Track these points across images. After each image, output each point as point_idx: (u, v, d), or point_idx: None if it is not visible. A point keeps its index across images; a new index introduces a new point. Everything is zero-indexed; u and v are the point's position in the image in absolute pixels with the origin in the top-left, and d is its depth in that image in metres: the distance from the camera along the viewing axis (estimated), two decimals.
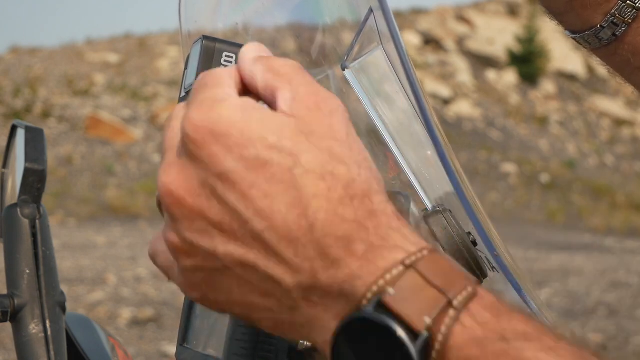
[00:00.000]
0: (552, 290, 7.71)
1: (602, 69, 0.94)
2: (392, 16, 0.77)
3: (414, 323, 0.50)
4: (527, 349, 0.50)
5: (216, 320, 0.73)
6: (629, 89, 0.90)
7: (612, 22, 0.83)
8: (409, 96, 0.79)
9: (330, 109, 0.56)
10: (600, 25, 0.84)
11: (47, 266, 1.01)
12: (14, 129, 1.12)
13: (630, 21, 0.83)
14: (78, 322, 1.15)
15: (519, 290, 0.80)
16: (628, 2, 0.82)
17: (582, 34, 0.85)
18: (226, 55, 0.75)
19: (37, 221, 1.03)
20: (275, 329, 0.56)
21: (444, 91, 18.07)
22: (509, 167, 15.39)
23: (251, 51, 0.61)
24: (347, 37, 0.90)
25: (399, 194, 0.83)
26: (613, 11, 0.83)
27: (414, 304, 0.50)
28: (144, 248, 8.83)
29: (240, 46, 0.76)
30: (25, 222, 1.02)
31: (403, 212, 0.78)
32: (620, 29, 0.83)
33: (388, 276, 0.51)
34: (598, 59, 0.89)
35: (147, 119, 14.36)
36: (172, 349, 5.47)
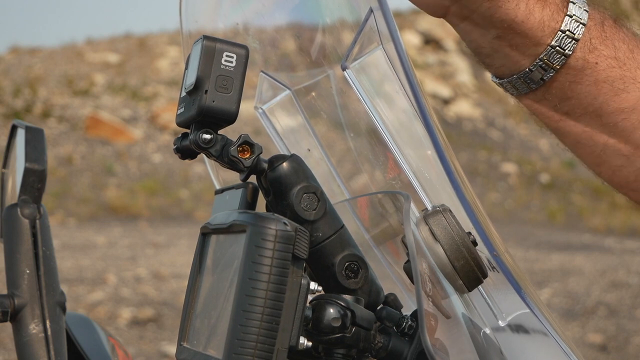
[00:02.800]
0: (552, 290, 7.70)
1: None
2: (392, 16, 0.77)
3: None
4: None
5: (216, 320, 0.73)
6: None
7: (540, 66, 0.82)
8: (408, 96, 0.79)
9: None
10: (529, 69, 0.82)
11: (47, 266, 1.01)
12: (14, 129, 1.12)
13: (558, 67, 0.82)
14: (78, 322, 1.15)
15: (518, 290, 0.80)
16: (557, 48, 0.81)
17: (510, 78, 0.84)
18: (227, 55, 0.75)
19: (37, 221, 1.03)
20: None
21: (444, 91, 18.05)
22: (509, 167, 15.38)
23: None
24: (347, 37, 0.90)
25: (399, 194, 0.83)
26: (542, 56, 0.81)
27: None
28: (144, 248, 8.84)
29: (241, 46, 0.76)
30: (25, 222, 1.02)
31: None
32: (548, 74, 0.82)
33: None
34: (525, 108, 0.87)
35: (147, 119, 14.34)
36: (172, 349, 5.47)
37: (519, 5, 0.80)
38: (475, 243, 0.80)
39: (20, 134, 1.08)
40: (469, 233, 0.80)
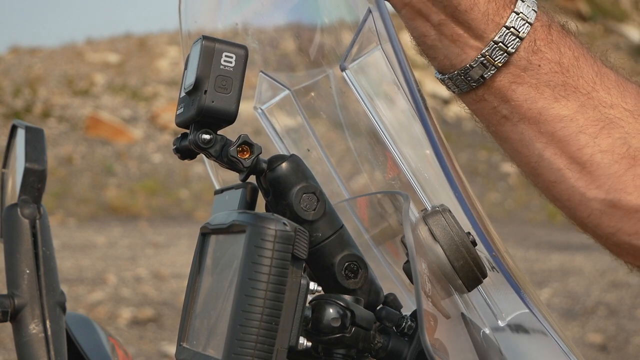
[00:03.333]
0: (552, 290, 7.71)
1: None
2: (389, 17, 0.77)
3: None
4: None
5: (216, 320, 0.73)
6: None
7: (481, 62, 0.80)
8: (407, 96, 0.80)
9: None
10: (470, 65, 0.81)
11: (47, 266, 1.01)
12: (14, 129, 1.12)
13: (500, 65, 0.80)
14: (78, 322, 1.15)
15: (517, 290, 0.80)
16: (500, 44, 0.79)
17: (451, 74, 0.83)
18: (226, 56, 0.75)
19: (37, 221, 1.03)
20: None
21: (444, 91, 18.07)
22: (509, 167, 15.38)
23: None
24: (346, 37, 0.90)
25: (399, 194, 0.83)
26: (484, 51, 0.80)
27: None
28: (144, 248, 8.83)
29: (240, 46, 0.76)
30: (25, 222, 1.02)
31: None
32: (489, 71, 0.80)
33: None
34: (465, 108, 0.86)
35: (147, 119, 14.34)
36: (172, 349, 5.47)
37: None
38: (474, 243, 0.80)
39: (20, 134, 1.08)
40: (468, 233, 0.80)
